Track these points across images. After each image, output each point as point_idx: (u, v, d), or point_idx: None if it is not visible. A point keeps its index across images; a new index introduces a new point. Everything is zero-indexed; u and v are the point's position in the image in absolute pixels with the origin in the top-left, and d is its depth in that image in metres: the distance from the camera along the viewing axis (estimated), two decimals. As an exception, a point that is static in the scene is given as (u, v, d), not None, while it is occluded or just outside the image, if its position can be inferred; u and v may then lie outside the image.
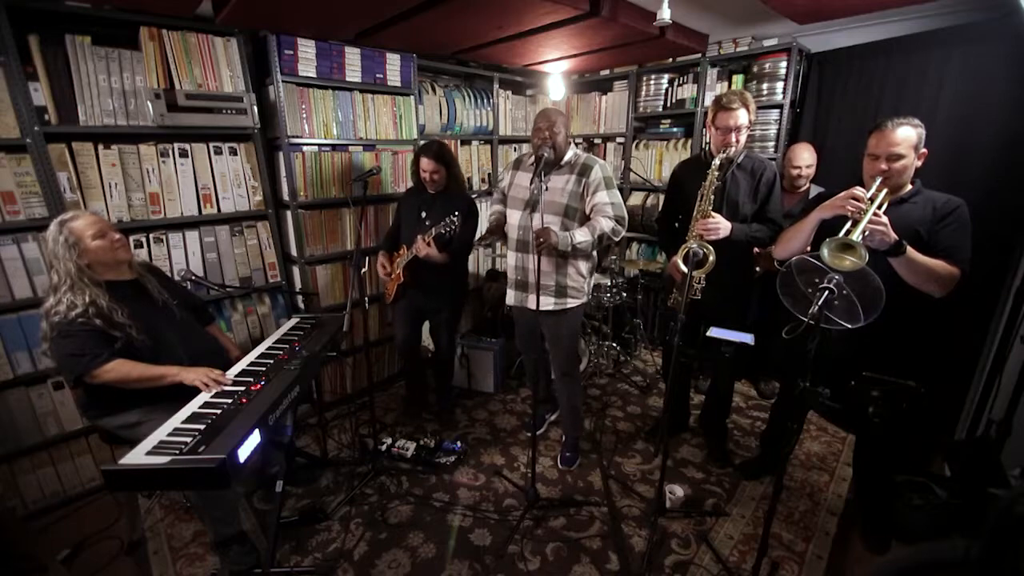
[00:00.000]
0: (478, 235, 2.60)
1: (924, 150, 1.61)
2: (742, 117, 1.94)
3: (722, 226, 1.93)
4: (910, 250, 1.52)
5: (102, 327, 1.62)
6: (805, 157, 2.60)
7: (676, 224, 2.27)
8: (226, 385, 1.72)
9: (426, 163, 2.41)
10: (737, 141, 1.97)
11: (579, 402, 2.44)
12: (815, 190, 2.58)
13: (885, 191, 1.57)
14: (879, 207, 1.53)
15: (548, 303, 2.12)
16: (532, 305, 2.04)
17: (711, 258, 1.90)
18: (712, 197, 1.96)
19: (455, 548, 1.95)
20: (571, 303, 2.16)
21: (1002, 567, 0.86)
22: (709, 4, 2.44)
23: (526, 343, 2.47)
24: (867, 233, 1.47)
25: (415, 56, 2.90)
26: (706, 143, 2.14)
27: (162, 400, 1.68)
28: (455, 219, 2.26)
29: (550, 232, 1.90)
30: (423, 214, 2.51)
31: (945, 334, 2.10)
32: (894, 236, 1.49)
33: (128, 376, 1.64)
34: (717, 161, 1.95)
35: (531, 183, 1.94)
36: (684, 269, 1.88)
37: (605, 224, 1.99)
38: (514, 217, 2.16)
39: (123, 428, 1.73)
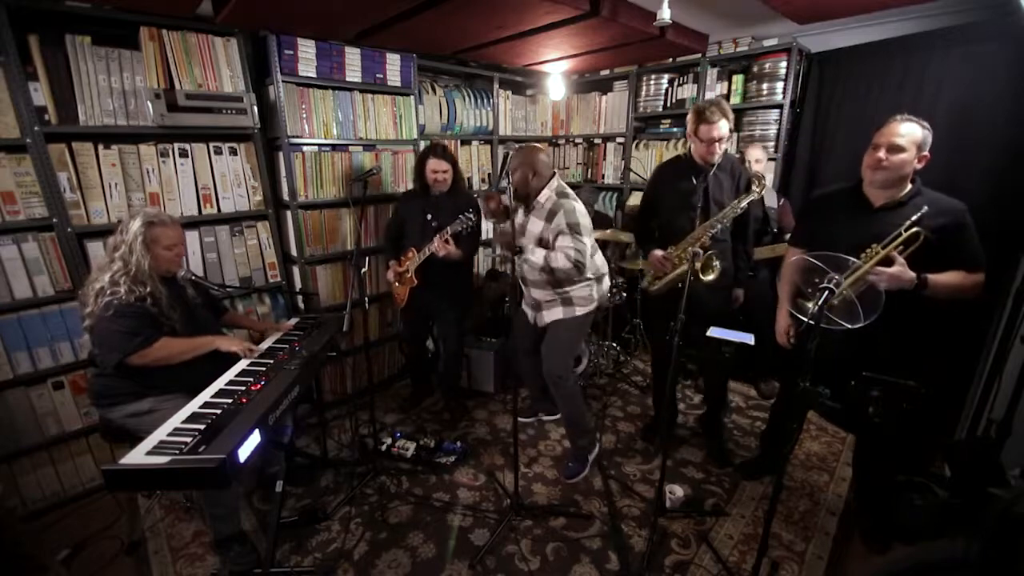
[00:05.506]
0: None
1: (927, 153, 1.60)
2: (723, 128, 2.00)
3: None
4: (931, 279, 1.55)
5: (156, 313, 1.71)
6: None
7: (651, 224, 2.33)
8: (258, 354, 1.91)
9: (437, 163, 2.46)
10: (720, 150, 2.05)
11: (576, 409, 2.32)
12: (772, 196, 2.69)
13: (874, 262, 1.58)
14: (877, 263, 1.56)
15: (557, 313, 2.23)
16: (548, 319, 2.27)
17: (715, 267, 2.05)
18: (699, 207, 2.10)
19: (455, 548, 1.95)
20: (579, 311, 2.22)
21: (1002, 567, 0.86)
22: (709, 4, 2.44)
23: (523, 341, 2.48)
24: (883, 287, 1.51)
25: (415, 56, 2.90)
26: (688, 146, 2.19)
27: (176, 389, 1.75)
28: (470, 215, 2.32)
29: (497, 196, 2.16)
30: (428, 216, 2.53)
31: (945, 334, 2.10)
32: (911, 275, 1.52)
33: (172, 350, 1.73)
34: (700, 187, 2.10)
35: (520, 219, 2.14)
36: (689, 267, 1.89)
37: (560, 261, 2.04)
38: None
39: (132, 417, 1.75)
